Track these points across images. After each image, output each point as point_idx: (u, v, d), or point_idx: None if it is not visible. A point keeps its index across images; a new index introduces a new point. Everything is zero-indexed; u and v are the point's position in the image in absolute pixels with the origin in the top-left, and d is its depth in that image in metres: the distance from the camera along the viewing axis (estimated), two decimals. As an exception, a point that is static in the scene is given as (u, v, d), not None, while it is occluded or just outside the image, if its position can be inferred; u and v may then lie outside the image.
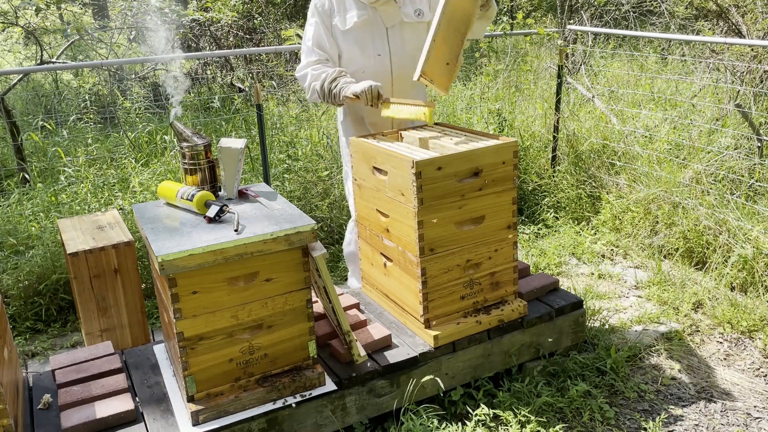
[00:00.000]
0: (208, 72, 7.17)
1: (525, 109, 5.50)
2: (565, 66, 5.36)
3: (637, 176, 4.37)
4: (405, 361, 2.45)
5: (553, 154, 4.83)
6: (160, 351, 2.60)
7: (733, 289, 3.52)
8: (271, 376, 2.26)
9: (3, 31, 7.09)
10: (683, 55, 6.46)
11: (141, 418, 2.19)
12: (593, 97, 5.45)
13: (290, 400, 2.23)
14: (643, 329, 3.18)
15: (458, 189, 2.44)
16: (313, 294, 2.46)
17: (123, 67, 6.97)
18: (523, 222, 4.58)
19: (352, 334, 2.35)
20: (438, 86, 2.57)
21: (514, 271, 2.69)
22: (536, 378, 2.71)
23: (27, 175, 4.56)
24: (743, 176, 4.12)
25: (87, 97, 6.17)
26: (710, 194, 3.96)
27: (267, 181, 3.96)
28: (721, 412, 2.62)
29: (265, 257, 2.13)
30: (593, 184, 4.58)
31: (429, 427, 2.34)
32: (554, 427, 2.42)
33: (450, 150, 2.50)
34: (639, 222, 4.15)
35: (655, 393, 2.74)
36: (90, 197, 4.15)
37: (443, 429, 2.38)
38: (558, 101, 4.79)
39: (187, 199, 2.31)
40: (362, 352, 2.38)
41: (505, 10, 10.83)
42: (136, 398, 2.31)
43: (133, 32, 7.81)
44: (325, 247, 3.36)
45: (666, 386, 2.79)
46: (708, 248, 3.75)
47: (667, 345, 3.05)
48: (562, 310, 2.81)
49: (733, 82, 5.02)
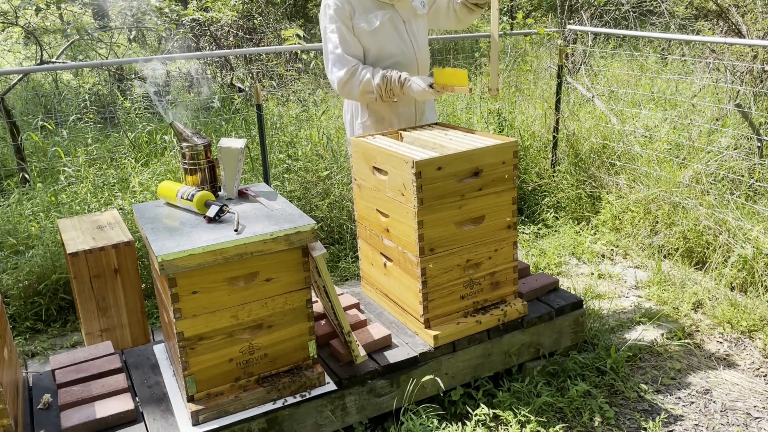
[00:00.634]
0: (208, 72, 7.17)
1: (525, 109, 5.50)
2: (565, 66, 5.36)
3: (637, 176, 4.37)
4: (405, 361, 2.45)
5: (553, 154, 4.83)
6: (160, 351, 2.60)
7: (733, 289, 3.52)
8: (271, 376, 2.26)
9: (3, 31, 7.09)
10: (683, 55, 6.46)
11: (141, 418, 2.19)
12: (593, 97, 5.45)
13: (290, 400, 2.23)
14: (643, 329, 3.18)
15: (458, 189, 2.44)
16: (313, 294, 2.46)
17: (123, 67, 6.97)
18: (523, 222, 4.58)
19: (353, 334, 2.35)
20: (494, 94, 2.79)
21: (514, 271, 2.69)
22: (536, 378, 2.71)
23: (27, 175, 4.56)
24: (743, 176, 4.12)
25: (87, 97, 6.17)
26: (710, 194, 3.96)
27: (267, 181, 3.96)
28: (721, 412, 2.62)
29: (265, 257, 2.13)
30: (593, 184, 4.58)
31: (429, 427, 2.34)
32: (554, 427, 2.42)
33: (450, 150, 2.50)
34: (639, 222, 4.15)
35: (655, 393, 2.74)
36: (90, 197, 4.15)
37: (443, 429, 2.38)
38: (558, 101, 4.79)
39: (187, 199, 2.31)
40: (362, 352, 2.38)
41: (505, 10, 10.83)
42: (136, 398, 2.31)
43: (133, 32, 7.81)
44: (325, 247, 3.36)
45: (666, 386, 2.79)
46: (708, 248, 3.75)
47: (667, 345, 3.05)
48: (562, 310, 2.81)
49: (733, 82, 5.02)
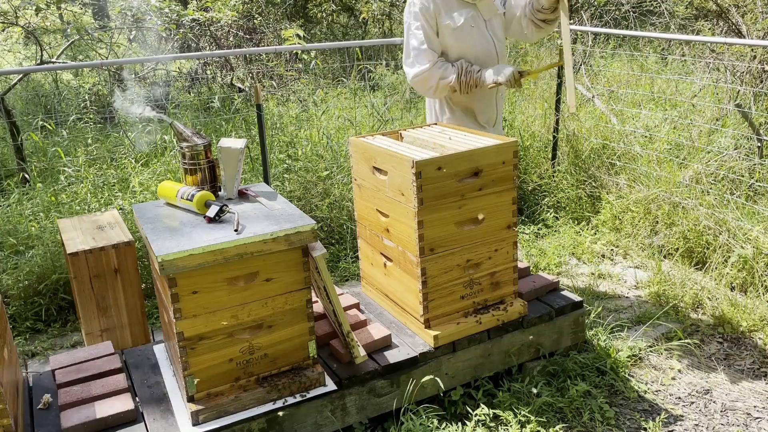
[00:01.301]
0: (208, 72, 7.17)
1: (525, 109, 5.50)
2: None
3: (637, 176, 4.37)
4: (405, 361, 2.45)
5: (553, 154, 4.83)
6: (160, 351, 2.60)
7: (733, 289, 3.52)
8: (271, 376, 2.26)
9: (3, 31, 7.09)
10: (683, 55, 6.45)
11: (141, 418, 2.19)
12: (593, 97, 5.45)
13: (290, 400, 2.23)
14: (643, 329, 3.18)
15: (458, 189, 2.44)
16: (313, 294, 2.46)
17: (123, 66, 6.97)
18: (523, 222, 4.58)
19: (353, 334, 2.35)
20: (573, 110, 2.79)
21: (514, 271, 2.69)
22: (536, 378, 2.71)
23: (27, 175, 4.56)
24: (743, 176, 4.12)
25: (87, 97, 6.16)
26: (710, 194, 3.96)
27: (267, 181, 3.96)
28: (721, 412, 2.62)
29: (265, 257, 2.13)
30: (593, 184, 4.58)
31: (429, 427, 2.34)
32: (554, 427, 2.42)
33: (450, 150, 2.50)
34: (639, 222, 4.15)
35: (655, 393, 2.74)
36: (90, 197, 4.14)
37: (443, 429, 2.38)
38: (558, 101, 4.79)
39: (187, 199, 2.31)
40: (362, 352, 2.38)
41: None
42: (136, 398, 2.31)
43: (133, 32, 7.81)
44: (325, 247, 3.36)
45: (666, 386, 2.79)
46: (708, 248, 3.75)
47: (667, 345, 3.05)
48: (562, 310, 2.81)
49: (733, 82, 5.02)
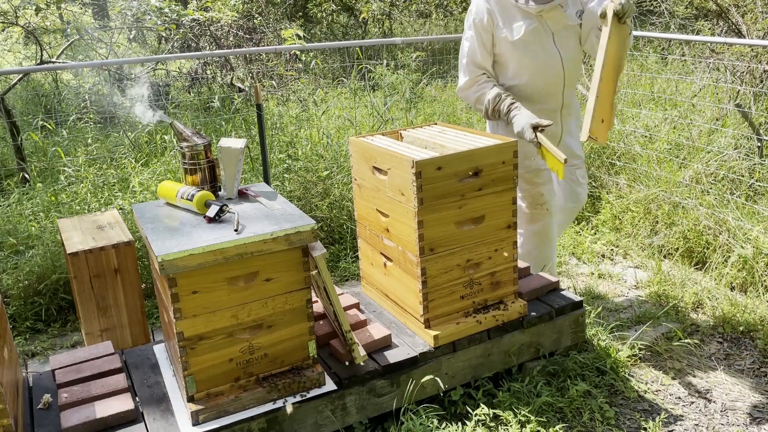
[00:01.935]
0: (208, 72, 7.17)
1: (525, 109, 5.48)
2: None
3: (637, 176, 4.37)
4: (405, 361, 2.45)
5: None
6: (160, 351, 2.60)
7: (733, 289, 3.52)
8: (271, 376, 2.26)
9: (3, 30, 7.09)
10: (683, 55, 6.45)
11: (141, 418, 2.19)
12: (593, 97, 5.44)
13: (290, 400, 2.23)
14: (643, 329, 3.18)
15: (458, 189, 2.44)
16: (313, 294, 2.46)
17: (123, 67, 6.96)
18: (523, 222, 4.58)
19: (353, 334, 2.35)
20: (601, 141, 2.61)
21: (514, 271, 2.69)
22: (536, 378, 2.71)
23: (27, 175, 4.56)
24: (743, 176, 4.12)
25: (87, 97, 6.16)
26: (710, 194, 3.96)
27: (267, 181, 3.96)
28: (721, 412, 2.62)
29: (265, 257, 2.13)
30: (593, 184, 4.58)
31: (429, 427, 2.34)
32: (554, 427, 2.42)
33: (450, 150, 2.50)
34: (639, 222, 4.15)
35: (655, 393, 2.74)
36: (90, 197, 4.15)
37: (443, 429, 2.38)
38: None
39: (187, 199, 2.31)
40: (362, 352, 2.38)
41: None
42: (136, 398, 2.31)
43: (133, 32, 7.81)
44: (325, 247, 3.36)
45: (666, 386, 2.79)
46: (708, 248, 3.75)
47: (667, 345, 3.05)
48: (562, 310, 2.81)
49: (733, 82, 5.02)
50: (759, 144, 4.25)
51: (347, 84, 6.08)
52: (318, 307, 2.71)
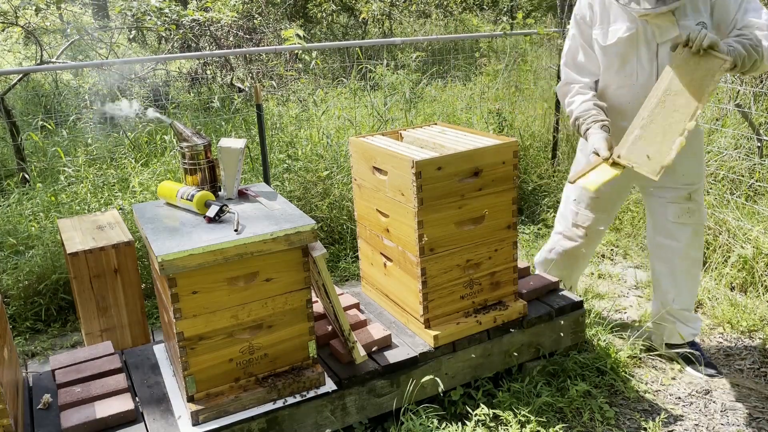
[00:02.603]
0: (208, 72, 7.17)
1: (525, 109, 5.50)
2: (565, 66, 5.35)
3: (637, 176, 4.37)
4: (405, 361, 2.45)
5: (553, 154, 4.83)
6: (160, 351, 2.60)
7: (733, 289, 3.52)
8: (271, 376, 2.26)
9: (3, 31, 7.09)
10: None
11: (141, 418, 2.19)
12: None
13: (290, 400, 2.23)
14: (644, 329, 3.18)
15: (458, 189, 2.44)
16: (313, 294, 2.46)
17: (123, 67, 6.96)
18: (523, 222, 4.58)
19: (353, 334, 2.35)
20: (652, 166, 2.30)
21: (514, 271, 2.69)
22: (536, 378, 2.71)
23: (27, 175, 4.56)
24: (743, 176, 4.12)
25: (87, 97, 6.16)
26: (710, 194, 3.95)
27: (267, 181, 3.96)
28: (721, 412, 2.62)
29: (265, 257, 2.13)
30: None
31: (429, 427, 2.34)
32: (554, 427, 2.42)
33: (450, 150, 2.50)
34: (639, 222, 4.15)
35: (655, 393, 2.74)
36: (90, 197, 4.14)
37: (443, 429, 2.38)
38: (558, 101, 4.79)
39: (187, 199, 2.31)
40: (362, 352, 2.38)
41: (505, 10, 10.84)
42: (136, 398, 2.31)
43: (133, 32, 7.81)
44: (325, 247, 3.36)
45: (666, 386, 2.79)
46: (708, 248, 3.75)
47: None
48: (562, 310, 2.81)
49: (733, 82, 5.01)
50: (759, 144, 4.25)
51: (347, 84, 6.08)
52: (318, 307, 2.71)
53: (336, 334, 2.57)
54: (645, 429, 2.51)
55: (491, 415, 2.49)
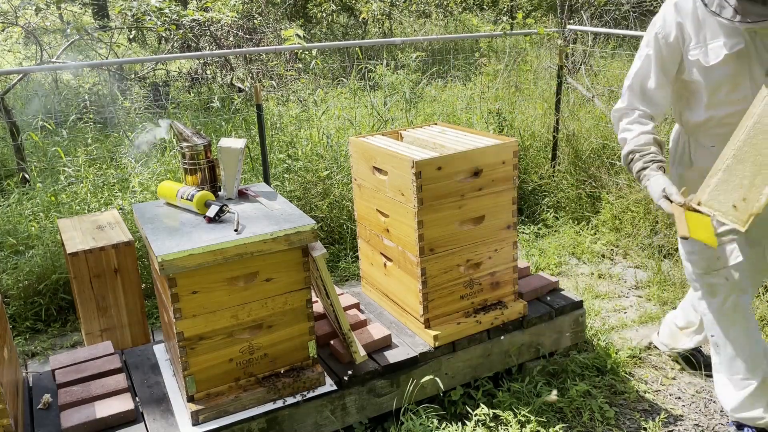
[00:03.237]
0: (208, 72, 7.17)
1: (525, 109, 5.50)
2: (565, 66, 5.36)
3: (637, 176, 4.37)
4: (405, 361, 2.45)
5: (553, 154, 4.83)
6: (160, 351, 2.60)
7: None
8: (271, 376, 2.26)
9: (3, 31, 7.09)
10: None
11: (141, 418, 2.19)
12: (593, 97, 5.45)
13: (290, 400, 2.23)
14: (644, 329, 3.18)
15: (458, 189, 2.44)
16: (313, 294, 2.46)
17: (123, 67, 6.96)
18: (523, 222, 4.58)
19: (352, 334, 2.35)
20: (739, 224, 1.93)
21: (514, 271, 2.69)
22: (536, 378, 2.71)
23: (27, 175, 4.56)
24: (743, 176, 4.11)
25: (87, 97, 6.16)
26: (710, 194, 3.95)
27: (267, 181, 3.96)
28: (721, 412, 2.62)
29: (265, 257, 2.13)
30: (593, 184, 4.58)
31: (429, 427, 2.34)
32: (554, 427, 2.42)
33: (450, 150, 2.50)
34: (639, 222, 4.15)
35: (655, 393, 2.74)
36: (90, 197, 4.14)
37: (443, 429, 2.38)
38: (558, 101, 4.79)
39: (187, 199, 2.31)
40: (362, 352, 2.38)
41: (505, 10, 10.84)
42: (136, 398, 2.31)
43: (133, 32, 7.81)
44: (325, 247, 3.36)
45: (666, 386, 2.79)
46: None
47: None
48: (562, 310, 2.81)
49: None
50: None
51: (347, 84, 6.08)
52: (318, 307, 2.71)
53: (336, 334, 2.57)
54: (645, 429, 2.51)
55: (491, 415, 2.49)
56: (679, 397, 2.72)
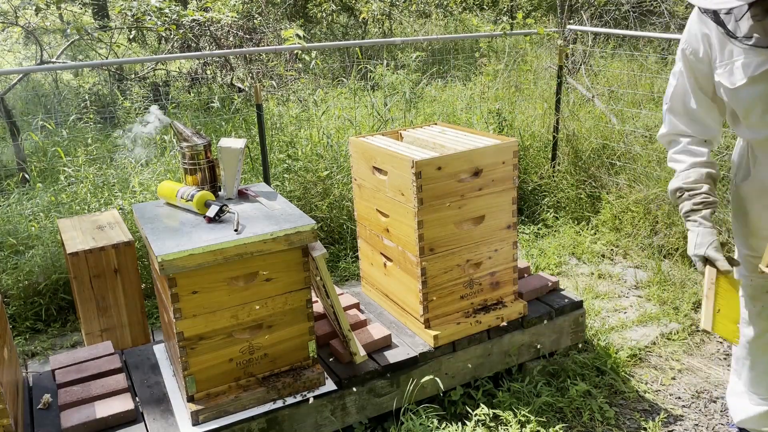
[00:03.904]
0: (208, 72, 7.17)
1: (525, 109, 5.50)
2: (565, 66, 5.36)
3: (636, 176, 4.37)
4: (405, 361, 2.45)
5: (553, 154, 4.83)
6: (160, 351, 2.60)
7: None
8: (271, 376, 2.26)
9: (3, 31, 7.09)
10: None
11: (141, 418, 2.19)
12: (593, 97, 5.45)
13: (290, 400, 2.23)
14: (643, 329, 3.18)
15: (458, 189, 2.44)
16: (313, 294, 2.46)
17: (123, 67, 6.96)
18: (523, 222, 4.58)
19: (352, 334, 2.35)
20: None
21: (514, 271, 2.69)
22: (536, 378, 2.71)
23: (27, 175, 4.56)
24: (743, 176, 4.11)
25: (87, 97, 6.16)
26: (710, 194, 3.95)
27: (267, 181, 3.96)
28: (721, 412, 2.62)
29: (265, 257, 2.13)
30: (593, 184, 4.58)
31: (429, 427, 2.34)
32: (554, 427, 2.42)
33: (450, 150, 2.50)
34: (639, 222, 4.15)
35: (655, 393, 2.74)
36: (90, 197, 4.14)
37: (443, 429, 2.38)
38: (558, 101, 4.79)
39: (187, 199, 2.31)
40: (362, 352, 2.38)
41: (505, 10, 10.84)
42: (136, 398, 2.31)
43: (133, 32, 7.81)
44: (325, 247, 3.36)
45: (666, 386, 2.79)
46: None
47: (667, 345, 3.05)
48: (562, 310, 2.81)
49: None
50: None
51: (347, 84, 6.08)
52: (318, 307, 2.71)
53: (336, 334, 2.57)
54: (645, 429, 2.51)
55: (491, 415, 2.49)
56: (679, 397, 2.72)
